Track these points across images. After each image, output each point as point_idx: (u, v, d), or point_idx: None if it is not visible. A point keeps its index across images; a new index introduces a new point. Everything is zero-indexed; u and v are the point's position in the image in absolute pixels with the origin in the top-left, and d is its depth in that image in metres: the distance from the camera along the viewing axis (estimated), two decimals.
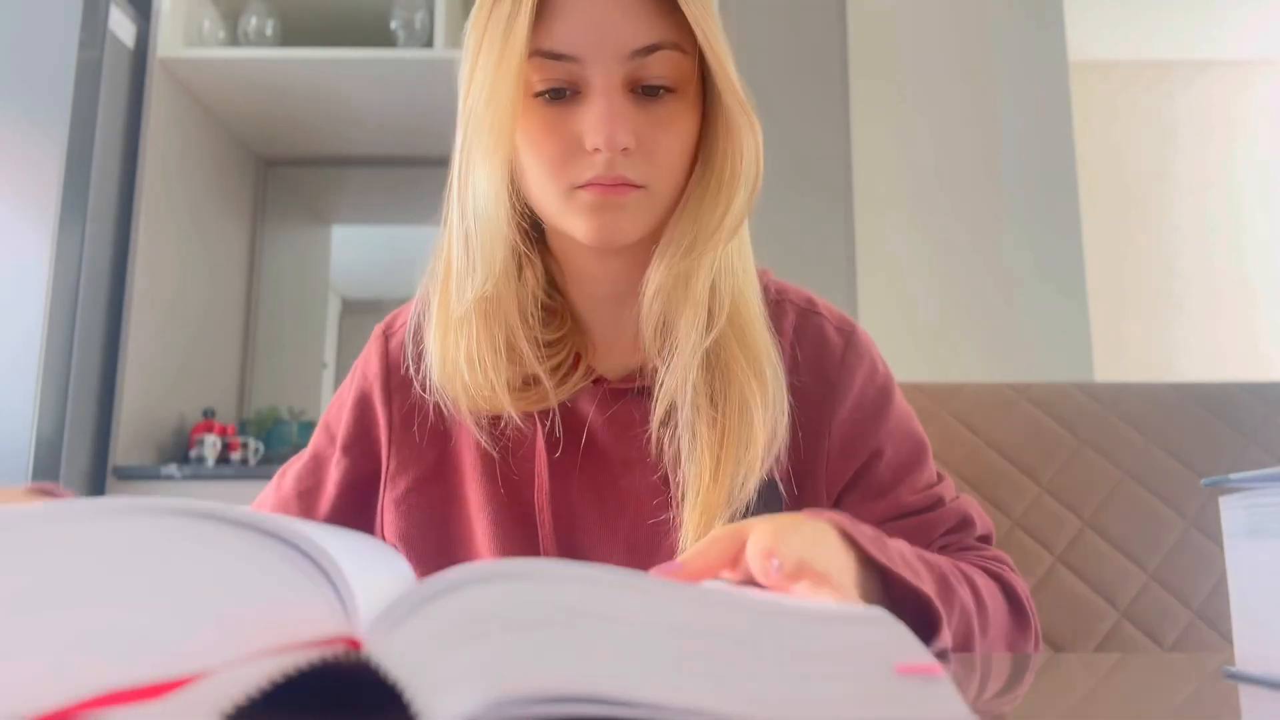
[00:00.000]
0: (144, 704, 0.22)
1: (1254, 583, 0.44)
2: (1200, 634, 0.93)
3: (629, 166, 0.63)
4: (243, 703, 0.23)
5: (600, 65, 0.62)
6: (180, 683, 0.23)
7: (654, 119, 0.63)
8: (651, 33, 0.62)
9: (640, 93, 0.63)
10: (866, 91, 2.33)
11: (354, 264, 2.91)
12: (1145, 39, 3.49)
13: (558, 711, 0.24)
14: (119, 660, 0.23)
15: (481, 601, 0.26)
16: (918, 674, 0.28)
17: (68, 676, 0.23)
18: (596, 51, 0.62)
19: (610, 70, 0.62)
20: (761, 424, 0.65)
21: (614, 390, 0.71)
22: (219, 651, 0.24)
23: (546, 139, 0.64)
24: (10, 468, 1.83)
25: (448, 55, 2.27)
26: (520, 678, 0.24)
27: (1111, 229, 3.47)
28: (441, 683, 0.24)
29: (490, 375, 0.67)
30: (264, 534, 0.25)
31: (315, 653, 0.24)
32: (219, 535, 0.25)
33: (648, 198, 0.64)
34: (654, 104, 0.64)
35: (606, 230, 0.64)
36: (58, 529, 0.24)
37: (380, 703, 0.26)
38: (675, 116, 0.64)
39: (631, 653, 0.26)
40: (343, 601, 0.25)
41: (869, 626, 0.30)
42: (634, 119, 0.63)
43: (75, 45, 1.95)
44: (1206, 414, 1.00)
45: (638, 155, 0.63)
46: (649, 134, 0.63)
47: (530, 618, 0.26)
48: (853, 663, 0.28)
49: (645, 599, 0.28)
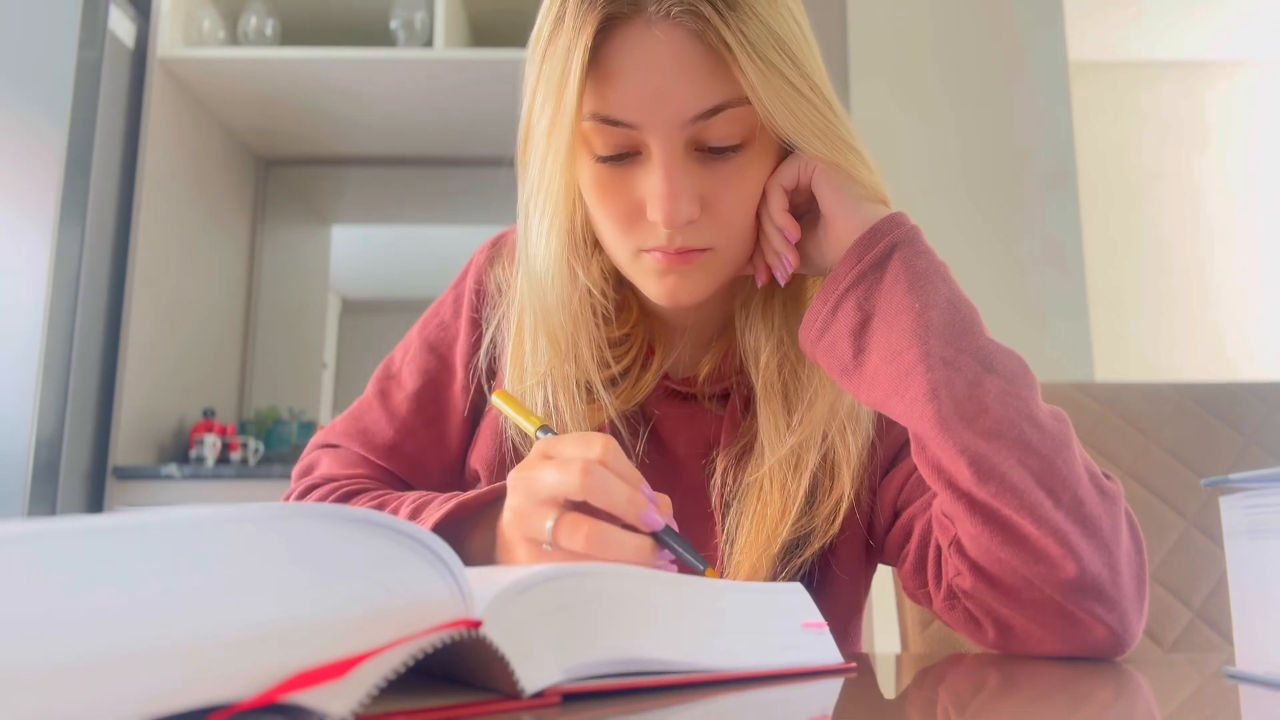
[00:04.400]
0: (330, 683, 0.26)
1: (1254, 583, 0.44)
2: (1200, 634, 0.93)
3: (694, 235, 0.60)
4: (392, 676, 0.27)
5: (660, 132, 0.58)
6: (354, 662, 0.27)
7: (721, 180, 0.60)
8: (713, 94, 0.57)
9: (707, 151, 0.60)
10: (866, 91, 2.33)
11: (354, 264, 2.91)
12: (1145, 39, 3.49)
13: (606, 670, 0.35)
14: (304, 647, 0.27)
15: (561, 592, 0.35)
16: (814, 628, 0.46)
17: (265, 664, 0.26)
18: (655, 118, 0.57)
19: (671, 138, 0.58)
20: (847, 469, 0.66)
21: (676, 391, 0.71)
22: (377, 635, 0.28)
23: (611, 201, 0.61)
24: (10, 468, 1.83)
25: (448, 55, 2.27)
26: (582, 650, 0.35)
27: (1112, 229, 3.47)
28: (533, 655, 0.32)
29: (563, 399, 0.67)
30: (398, 533, 0.30)
31: (447, 633, 0.29)
32: (364, 536, 0.29)
33: (714, 258, 0.63)
34: (721, 163, 0.60)
35: (674, 295, 0.63)
36: (227, 532, 0.27)
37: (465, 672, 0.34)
38: (744, 171, 0.61)
39: (649, 626, 0.38)
40: (460, 589, 0.30)
41: (790, 595, 0.46)
42: (699, 183, 0.60)
43: (75, 45, 1.95)
44: (1206, 414, 1.00)
45: (703, 220, 0.60)
46: (715, 194, 0.60)
47: (589, 604, 0.36)
48: (779, 620, 0.45)
49: (657, 586, 0.39)
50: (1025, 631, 0.57)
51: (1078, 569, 0.53)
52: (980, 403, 0.54)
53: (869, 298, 0.58)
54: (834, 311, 0.59)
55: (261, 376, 2.69)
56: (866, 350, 0.58)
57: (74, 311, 1.97)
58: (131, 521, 0.25)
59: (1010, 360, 0.57)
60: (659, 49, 0.57)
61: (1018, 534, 0.54)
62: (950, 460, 0.55)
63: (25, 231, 1.90)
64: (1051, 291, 2.22)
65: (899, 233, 0.59)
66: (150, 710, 0.23)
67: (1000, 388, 0.55)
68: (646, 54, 0.57)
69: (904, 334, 0.56)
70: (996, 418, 0.54)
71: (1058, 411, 0.57)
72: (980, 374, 0.55)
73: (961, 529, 0.57)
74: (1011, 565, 0.55)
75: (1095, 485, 0.55)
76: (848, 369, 0.59)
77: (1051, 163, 2.27)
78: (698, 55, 0.57)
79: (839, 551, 0.70)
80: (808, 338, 0.61)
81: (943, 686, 0.46)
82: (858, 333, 0.58)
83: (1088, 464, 0.56)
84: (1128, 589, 0.55)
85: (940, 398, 0.54)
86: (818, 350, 0.61)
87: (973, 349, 0.56)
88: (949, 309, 0.57)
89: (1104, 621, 0.54)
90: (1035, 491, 0.53)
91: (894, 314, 0.57)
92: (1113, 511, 0.55)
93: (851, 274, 0.59)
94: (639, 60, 0.57)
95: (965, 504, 0.55)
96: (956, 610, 0.60)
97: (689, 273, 0.62)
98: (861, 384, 0.59)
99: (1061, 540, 0.53)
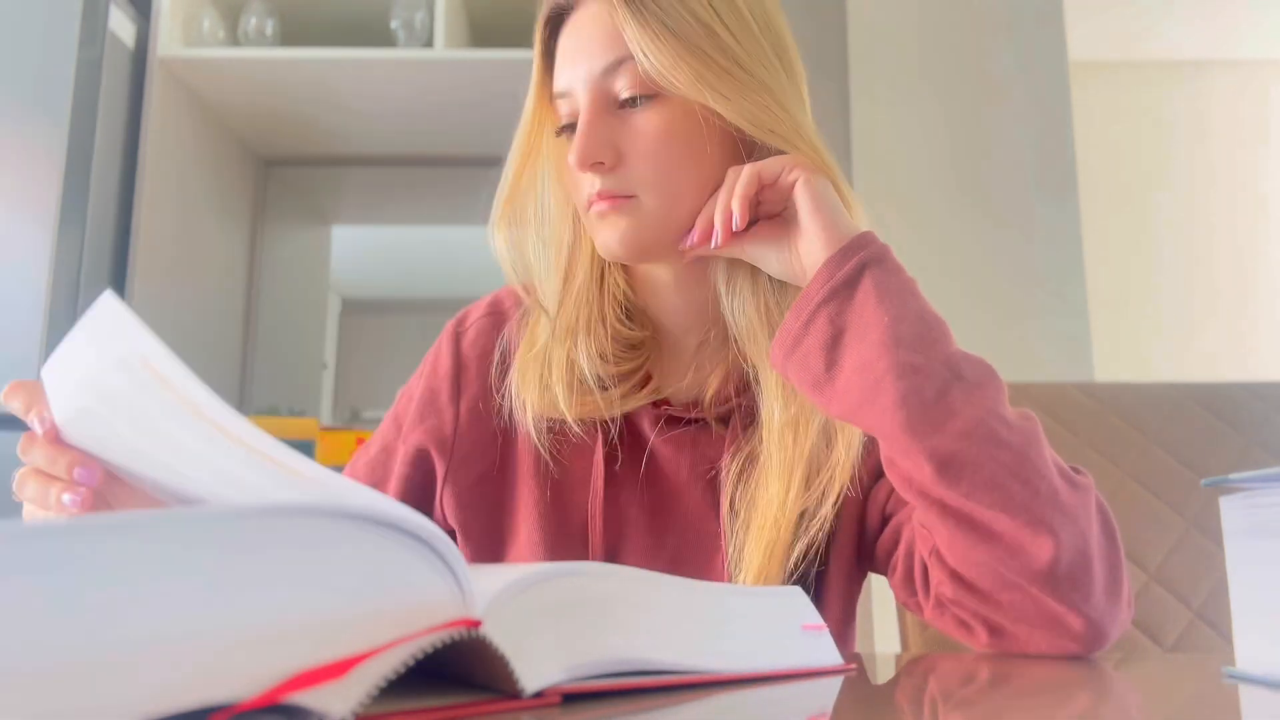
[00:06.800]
0: (330, 683, 0.26)
1: (1254, 583, 0.44)
2: (1200, 634, 0.93)
3: (614, 181, 0.66)
4: (392, 676, 0.27)
5: (580, 92, 0.67)
6: (354, 662, 0.27)
7: (634, 129, 0.66)
8: (614, 48, 0.65)
9: (624, 106, 0.66)
10: (866, 91, 2.33)
11: (354, 264, 2.91)
12: (1145, 39, 3.49)
13: (606, 670, 0.35)
14: (304, 646, 0.26)
15: (561, 591, 0.35)
16: (814, 630, 0.46)
17: (265, 664, 0.25)
18: (575, 81, 0.67)
19: (587, 92, 0.66)
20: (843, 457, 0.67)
21: (673, 417, 0.73)
22: (377, 634, 0.28)
23: (564, 169, 0.70)
24: (10, 467, 1.82)
25: (448, 55, 2.27)
26: (584, 651, 0.35)
27: (1112, 229, 3.47)
28: (533, 655, 0.32)
29: (559, 374, 0.70)
30: (403, 531, 0.29)
31: (447, 633, 0.29)
32: (364, 535, 0.29)
33: (639, 206, 0.66)
34: (634, 114, 0.66)
35: (607, 242, 0.67)
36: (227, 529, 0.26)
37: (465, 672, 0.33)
38: (655, 121, 0.66)
39: (650, 627, 0.38)
40: (461, 588, 0.30)
41: (789, 597, 0.47)
42: (613, 133, 0.66)
43: (75, 45, 1.95)
44: (1206, 414, 1.00)
45: (623, 168, 0.66)
46: (630, 144, 0.66)
47: (590, 605, 0.36)
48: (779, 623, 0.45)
49: (658, 587, 0.40)
50: (1012, 631, 0.58)
51: (1052, 554, 0.54)
52: (949, 407, 0.56)
53: (841, 313, 0.60)
54: (806, 326, 0.61)
55: (261, 376, 2.69)
56: (839, 363, 0.59)
57: (74, 311, 1.97)
58: (131, 521, 0.25)
59: (978, 367, 0.59)
60: (580, 24, 0.68)
61: (991, 532, 0.55)
62: (918, 467, 0.56)
63: (25, 231, 1.90)
64: (1051, 291, 2.22)
65: (869, 251, 0.61)
66: (150, 710, 0.23)
67: (967, 392, 0.57)
68: (573, 31, 0.68)
69: (874, 346, 0.58)
70: (966, 419, 0.55)
71: (1026, 412, 0.59)
72: (949, 380, 0.57)
73: (938, 537, 0.59)
74: (988, 567, 0.56)
75: (1065, 479, 0.57)
76: (819, 382, 0.60)
77: (1051, 163, 2.27)
78: (604, 21, 0.66)
79: (834, 560, 0.71)
80: (779, 355, 0.63)
81: (941, 687, 0.46)
82: (830, 346, 0.60)
83: (1056, 460, 0.58)
84: (1100, 577, 0.56)
85: (909, 404, 0.56)
86: (789, 365, 0.62)
87: (941, 357, 0.58)
88: (918, 322, 0.59)
89: (1080, 611, 0.55)
90: (1009, 483, 0.54)
91: (865, 328, 0.59)
92: (1084, 501, 0.57)
93: (824, 290, 0.61)
94: (569, 38, 0.69)
95: (937, 511, 0.57)
96: (946, 617, 0.62)
97: (617, 220, 0.67)
98: (834, 397, 0.60)
99: (1035, 527, 0.54)
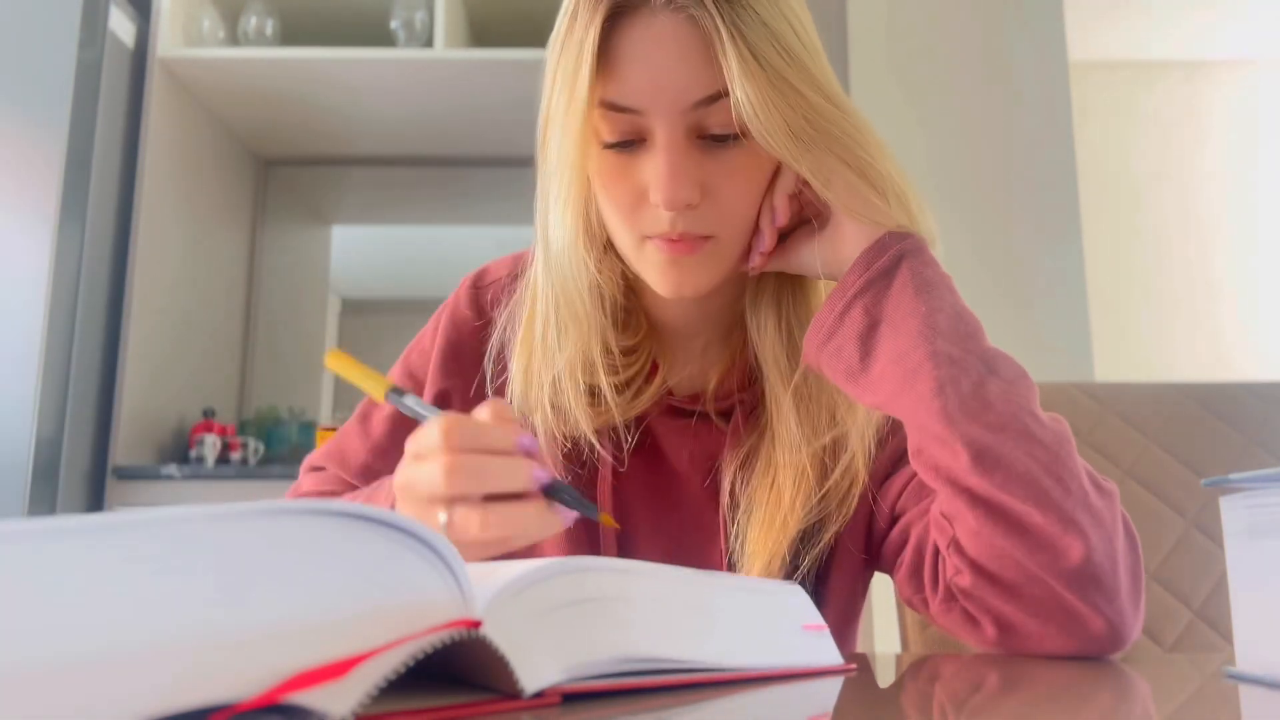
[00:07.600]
0: (330, 683, 0.26)
1: (1254, 583, 0.44)
2: (1200, 634, 0.93)
3: (695, 221, 0.61)
4: (392, 676, 0.27)
5: (662, 117, 0.59)
6: (354, 662, 0.27)
7: (723, 168, 0.61)
8: (712, 81, 0.58)
9: (709, 140, 0.61)
10: (866, 91, 2.33)
11: (354, 264, 2.91)
12: (1145, 39, 3.49)
13: (606, 670, 0.35)
14: (304, 646, 0.26)
15: (561, 590, 0.35)
16: (815, 630, 0.46)
17: (265, 664, 0.25)
18: (657, 104, 0.59)
19: (672, 123, 0.59)
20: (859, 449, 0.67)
21: (678, 408, 0.72)
22: (377, 634, 0.28)
23: (616, 187, 0.63)
24: (10, 467, 1.83)
25: (448, 55, 2.27)
26: (583, 650, 0.34)
27: (1112, 229, 3.47)
28: (533, 655, 0.32)
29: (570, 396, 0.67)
30: (402, 532, 0.30)
31: (447, 633, 0.29)
32: (366, 534, 0.29)
33: (717, 248, 0.63)
34: (722, 151, 0.61)
35: (677, 285, 0.64)
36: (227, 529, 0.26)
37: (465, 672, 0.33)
38: (745, 161, 0.61)
39: (650, 625, 0.38)
40: (461, 589, 0.30)
41: (790, 596, 0.47)
42: (700, 170, 0.61)
43: (75, 45, 1.95)
44: (1206, 414, 1.00)
45: (704, 207, 0.61)
46: (716, 183, 0.61)
47: (589, 603, 0.36)
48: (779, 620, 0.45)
49: (658, 585, 0.40)
50: (1025, 628, 0.57)
51: (1083, 554, 0.54)
52: (984, 399, 0.56)
53: (877, 304, 0.60)
54: (841, 317, 0.61)
55: (261, 376, 2.69)
56: (874, 353, 0.59)
57: (74, 311, 1.97)
58: (131, 521, 0.25)
59: (1012, 366, 0.59)
60: (662, 36, 0.59)
61: (1022, 524, 0.55)
62: (954, 455, 0.56)
63: (25, 231, 1.90)
64: (1051, 292, 2.22)
65: (906, 244, 0.61)
66: (150, 710, 0.23)
67: (1003, 388, 0.57)
68: (650, 41, 0.59)
69: (911, 336, 0.58)
70: (1001, 412, 0.56)
71: (1056, 416, 0.59)
72: (984, 375, 0.57)
73: (961, 526, 0.58)
74: (1013, 558, 0.56)
75: (1094, 484, 0.57)
76: (854, 372, 0.60)
77: (1051, 163, 2.27)
78: (698, 43, 0.58)
79: (838, 557, 0.71)
80: (812, 345, 0.63)
81: (943, 687, 0.46)
82: (865, 337, 0.60)
83: (1085, 465, 0.58)
84: (1124, 582, 0.56)
85: (946, 393, 0.56)
86: (823, 356, 0.62)
87: (977, 351, 0.58)
88: (954, 315, 0.59)
89: (1103, 613, 0.55)
90: (1043, 479, 0.54)
91: (901, 318, 0.58)
92: (1111, 507, 0.57)
93: (860, 281, 0.60)
94: (643, 47, 0.59)
95: (966, 499, 0.56)
96: (954, 612, 0.61)
97: (692, 264, 0.63)
98: (867, 386, 0.60)
99: (1067, 525, 0.54)
